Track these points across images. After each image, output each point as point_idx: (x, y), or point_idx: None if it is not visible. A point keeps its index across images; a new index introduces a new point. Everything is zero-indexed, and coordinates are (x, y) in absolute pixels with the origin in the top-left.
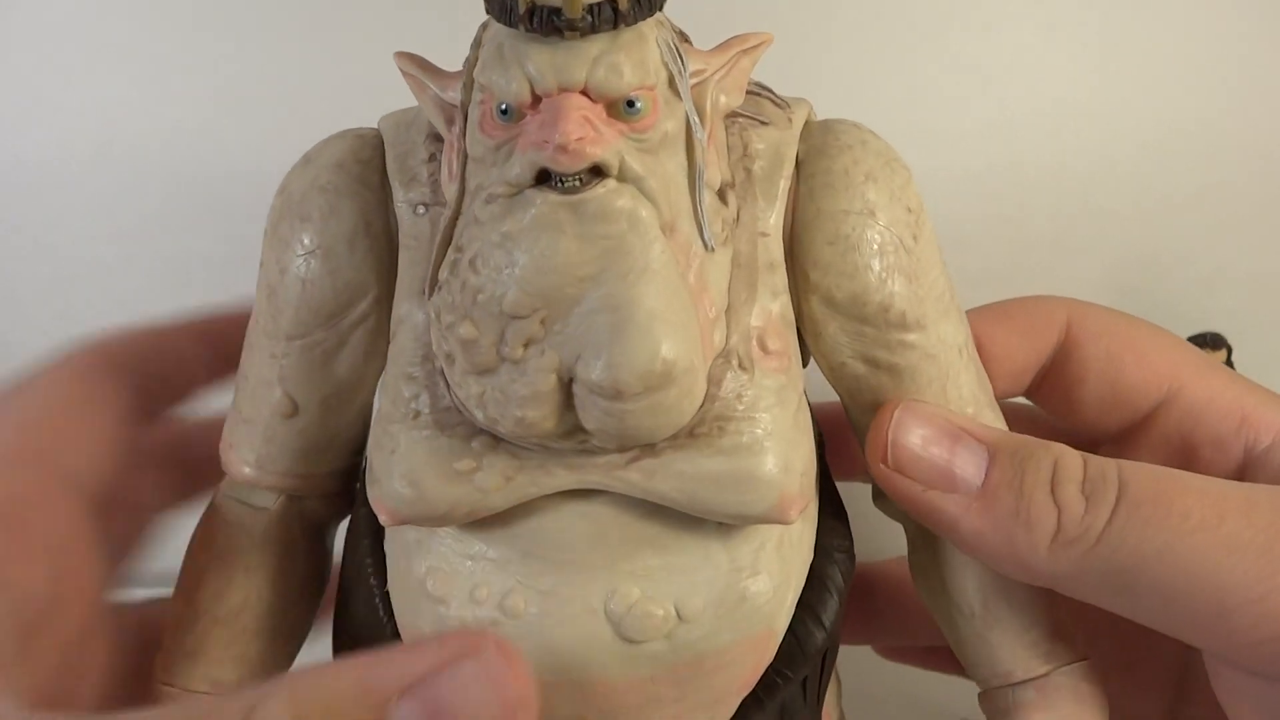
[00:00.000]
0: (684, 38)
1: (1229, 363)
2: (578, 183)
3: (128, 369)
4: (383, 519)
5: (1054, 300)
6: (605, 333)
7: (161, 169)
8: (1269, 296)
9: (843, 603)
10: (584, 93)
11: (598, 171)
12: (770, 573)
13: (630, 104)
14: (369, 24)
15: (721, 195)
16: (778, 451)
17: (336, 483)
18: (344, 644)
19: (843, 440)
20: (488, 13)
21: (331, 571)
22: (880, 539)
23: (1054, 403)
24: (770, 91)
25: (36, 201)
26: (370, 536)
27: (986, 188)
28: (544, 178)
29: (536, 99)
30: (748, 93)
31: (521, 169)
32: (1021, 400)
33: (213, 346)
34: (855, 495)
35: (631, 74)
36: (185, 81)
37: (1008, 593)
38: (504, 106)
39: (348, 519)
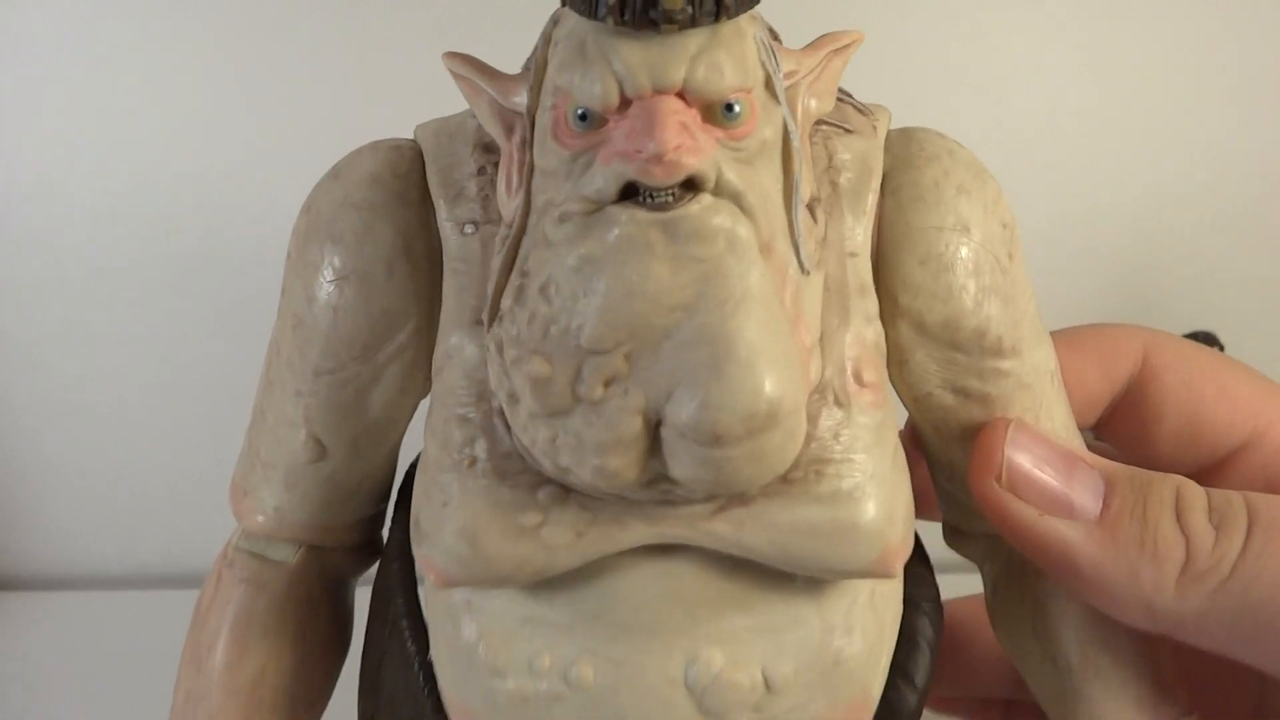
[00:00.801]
0: (774, 35)
1: None
2: (670, 198)
3: None
4: (434, 580)
5: (1129, 329)
6: (702, 369)
7: (165, 175)
8: (1261, 296)
9: (934, 659)
10: (679, 95)
11: (691, 185)
12: (864, 631)
13: (729, 108)
14: (386, 27)
15: (811, 211)
16: (880, 498)
17: (361, 532)
18: (374, 717)
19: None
20: (567, 5)
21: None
22: None
23: (1127, 438)
24: (851, 96)
25: (39, 207)
26: (403, 594)
27: None
28: (629, 192)
29: (625, 102)
30: None
31: (605, 182)
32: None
33: None
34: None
35: (733, 74)
36: (191, 87)
37: (1110, 642)
38: (583, 111)
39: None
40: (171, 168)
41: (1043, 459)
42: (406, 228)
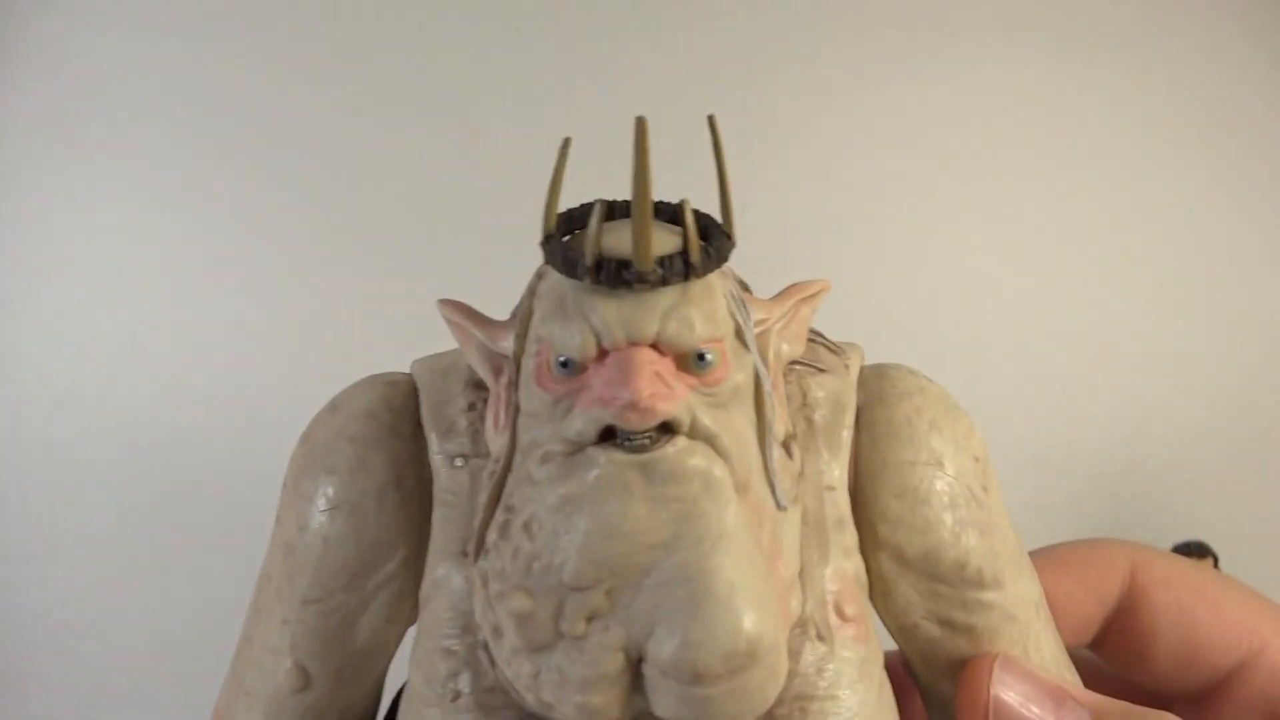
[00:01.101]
0: (744, 286)
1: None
2: (646, 441)
3: None
4: None
5: (1115, 544)
6: (681, 607)
7: (174, 394)
8: (1251, 503)
9: None
10: (653, 346)
11: (666, 428)
12: None
13: (701, 357)
14: (397, 265)
15: (786, 448)
16: None
17: None
18: None
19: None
20: (549, 264)
21: None
22: None
23: (1123, 657)
24: (822, 336)
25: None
26: None
27: (969, 405)
28: (608, 435)
29: (602, 353)
30: None
31: (584, 426)
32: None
33: None
34: None
35: (702, 327)
36: (211, 310)
37: None
38: (564, 359)
39: None
40: (181, 388)
41: (1030, 697)
42: (398, 460)
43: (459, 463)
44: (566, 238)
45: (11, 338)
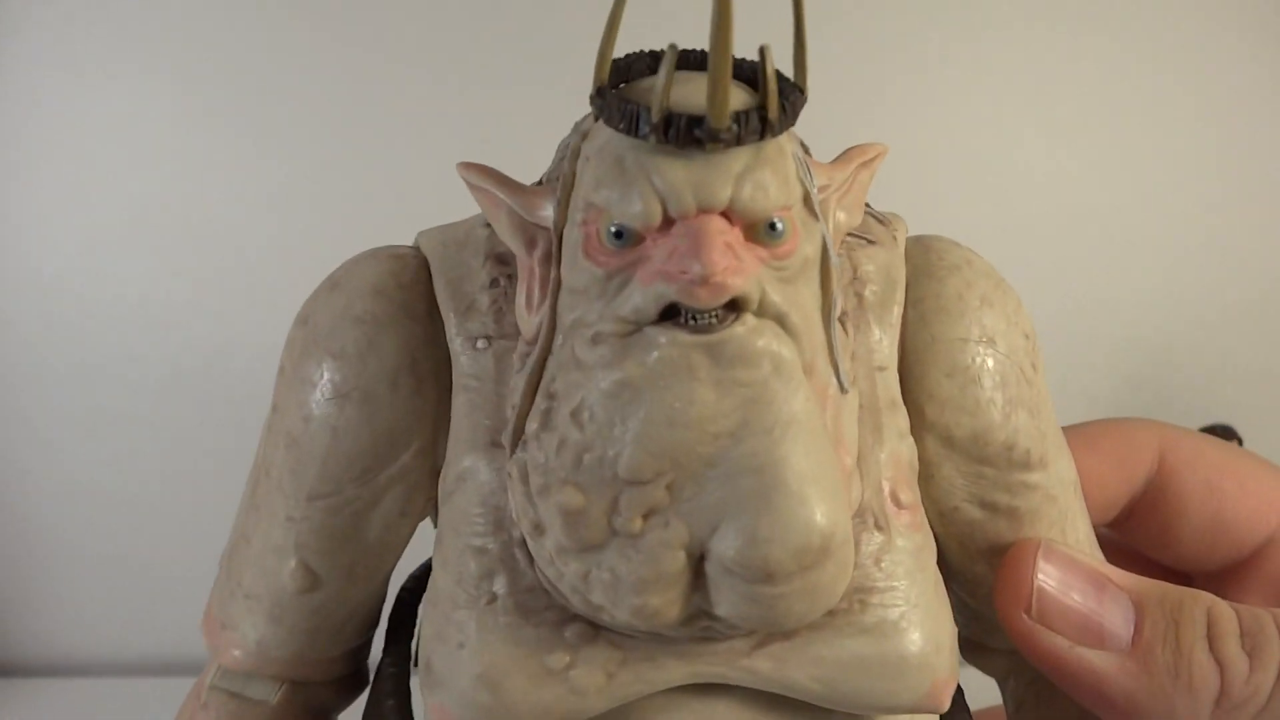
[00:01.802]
0: (805, 149)
1: None
2: (713, 319)
3: None
4: None
5: (1143, 424)
6: (750, 500)
7: (187, 269)
8: (1277, 386)
9: None
10: (723, 214)
11: (733, 305)
12: None
13: (772, 227)
14: (411, 135)
15: (842, 325)
16: (926, 628)
17: (347, 664)
18: None
19: None
20: (603, 120)
21: None
22: None
23: (1148, 536)
24: (869, 206)
25: (60, 296)
26: None
27: None
28: (668, 313)
29: (667, 221)
30: None
31: (644, 302)
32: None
33: None
34: None
35: (777, 193)
36: (216, 184)
37: None
38: (619, 229)
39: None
40: (194, 262)
41: (1072, 583)
42: (412, 342)
43: (482, 344)
44: (618, 90)
45: (12, 216)
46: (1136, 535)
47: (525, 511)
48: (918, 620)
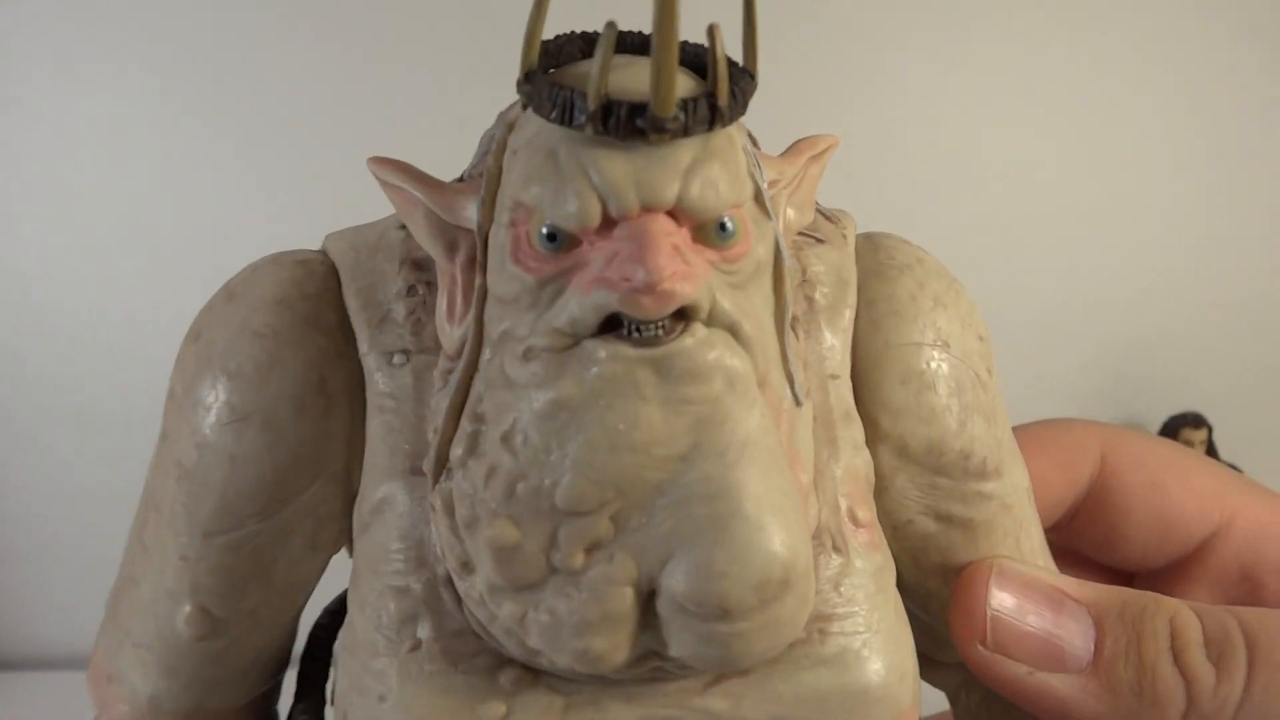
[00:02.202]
0: (753, 141)
1: (1210, 442)
2: (659, 331)
3: None
4: None
5: (1085, 425)
6: (704, 530)
7: (172, 262)
8: (1247, 376)
9: None
10: (669, 213)
11: (681, 314)
12: None
13: (722, 227)
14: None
15: (794, 331)
16: (889, 656)
17: (253, 714)
18: None
19: None
20: (532, 108)
21: None
22: None
23: (1093, 537)
24: (817, 202)
25: (47, 289)
26: None
27: (977, 279)
28: (609, 325)
29: (606, 221)
30: None
31: (581, 313)
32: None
33: None
34: None
35: (727, 189)
36: (203, 174)
37: None
38: (551, 231)
39: None
40: (183, 260)
41: (1027, 607)
42: (320, 358)
43: (399, 360)
44: (548, 75)
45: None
46: (1081, 538)
47: (451, 547)
48: (880, 647)
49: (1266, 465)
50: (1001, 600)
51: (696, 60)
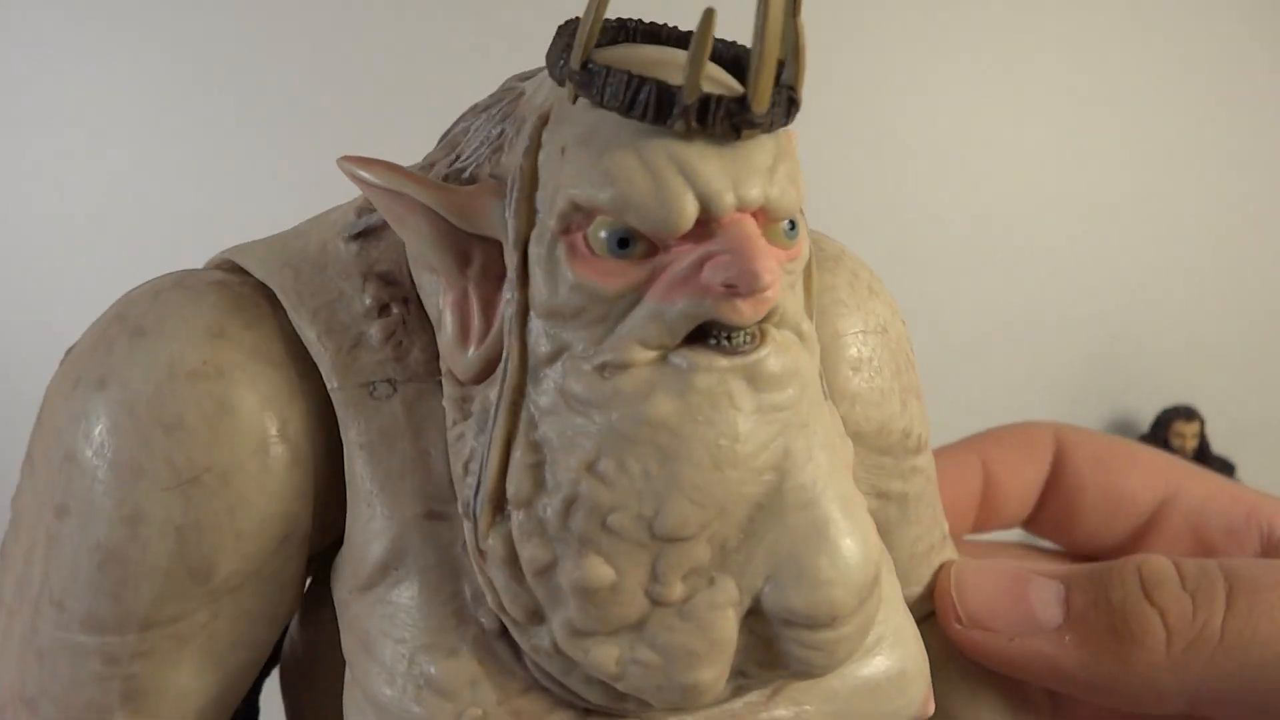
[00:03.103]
0: None
1: (1202, 435)
2: (748, 338)
3: None
4: None
5: (1038, 424)
6: (805, 539)
7: (156, 251)
8: (1238, 367)
9: None
10: (754, 215)
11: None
12: None
13: (791, 225)
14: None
15: None
16: (909, 637)
17: None
18: None
19: None
20: (599, 100)
21: None
22: None
23: (1056, 522)
24: None
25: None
26: None
27: (970, 270)
28: (693, 334)
29: (698, 224)
30: None
31: (670, 323)
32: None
33: None
34: None
35: (798, 188)
36: (185, 161)
37: None
38: (625, 236)
39: None
40: (170, 250)
41: (992, 588)
42: (274, 397)
43: (382, 391)
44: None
45: None
46: (1047, 525)
47: (515, 596)
48: (902, 629)
49: (1258, 458)
50: (964, 593)
51: (728, 57)
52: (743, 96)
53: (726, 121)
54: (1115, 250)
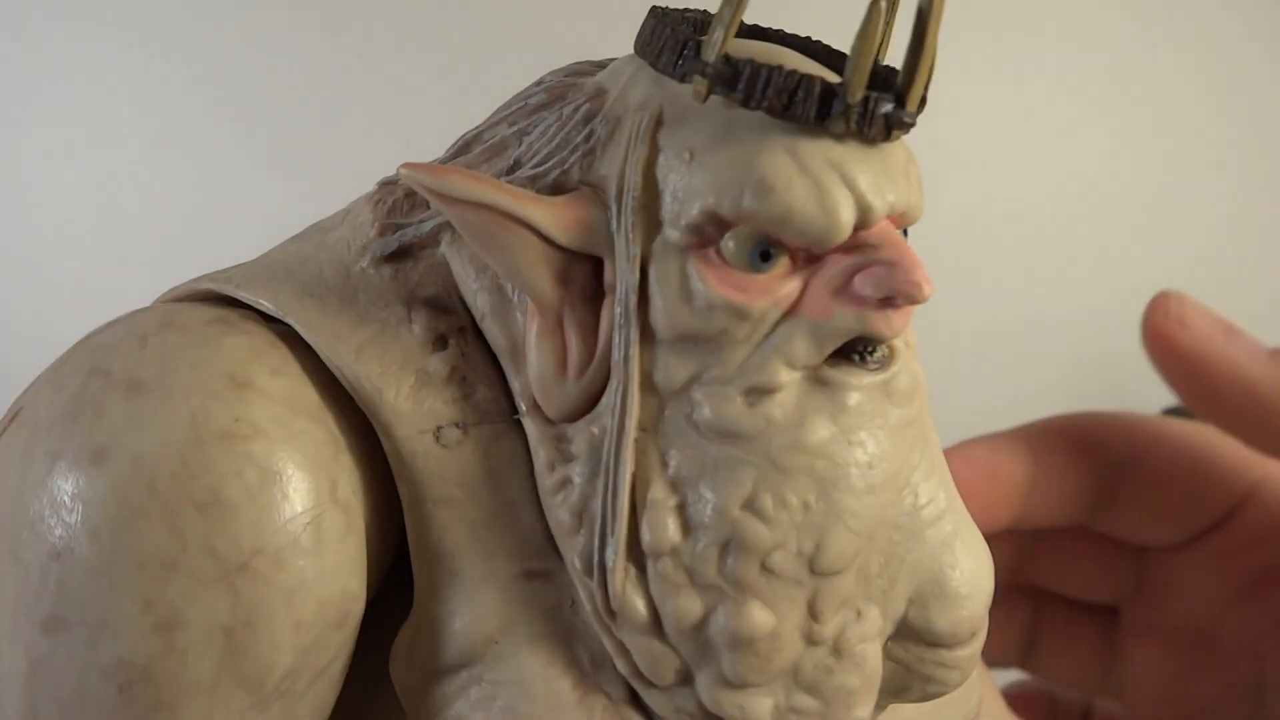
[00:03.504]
0: None
1: None
2: (886, 353)
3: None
4: None
5: (1098, 414)
6: (938, 556)
7: (152, 254)
8: None
9: None
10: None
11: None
12: None
13: (905, 231)
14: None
15: None
16: None
17: None
18: None
19: None
20: (750, 100)
21: None
22: None
23: (1134, 514)
24: None
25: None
26: None
27: (970, 270)
28: (837, 351)
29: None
30: None
31: (822, 339)
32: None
33: None
34: None
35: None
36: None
37: None
38: (767, 249)
39: None
40: (166, 252)
41: (1210, 317)
42: (319, 456)
43: (453, 436)
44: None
45: None
46: (1121, 520)
47: (658, 658)
48: None
49: None
50: (1181, 302)
51: (819, 51)
52: (900, 95)
53: (883, 121)
54: (1116, 250)
